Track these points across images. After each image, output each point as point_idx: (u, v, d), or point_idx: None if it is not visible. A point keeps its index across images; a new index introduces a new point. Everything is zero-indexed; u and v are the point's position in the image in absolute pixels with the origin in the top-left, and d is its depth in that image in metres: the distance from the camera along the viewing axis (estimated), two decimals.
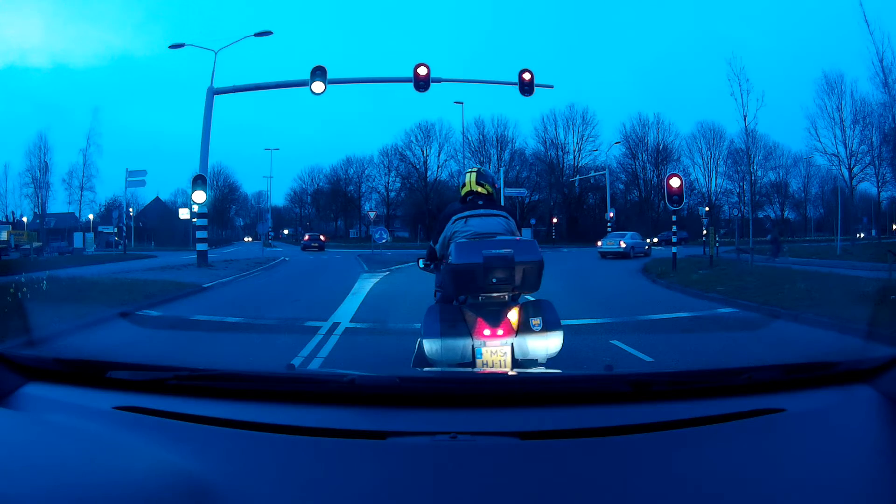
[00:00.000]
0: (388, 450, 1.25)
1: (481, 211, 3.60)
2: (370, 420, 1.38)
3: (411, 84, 18.33)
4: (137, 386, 1.54)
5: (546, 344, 3.11)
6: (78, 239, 37.37)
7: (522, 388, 1.58)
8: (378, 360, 5.55)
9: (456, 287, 3.25)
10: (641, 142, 56.83)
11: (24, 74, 64.81)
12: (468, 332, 3.11)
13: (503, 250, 3.10)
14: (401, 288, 12.41)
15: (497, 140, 56.22)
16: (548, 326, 3.11)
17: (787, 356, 4.58)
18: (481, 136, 56.30)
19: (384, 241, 20.79)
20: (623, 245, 25.06)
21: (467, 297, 3.25)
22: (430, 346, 3.07)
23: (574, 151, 56.28)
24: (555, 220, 52.51)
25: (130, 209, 46.36)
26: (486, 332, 3.10)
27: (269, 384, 1.55)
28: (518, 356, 3.12)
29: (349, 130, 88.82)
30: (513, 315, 3.15)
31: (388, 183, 59.89)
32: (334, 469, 1.19)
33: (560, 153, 56.24)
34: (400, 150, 58.70)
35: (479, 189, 3.73)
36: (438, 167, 58.34)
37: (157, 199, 61.35)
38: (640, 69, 77.10)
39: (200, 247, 18.02)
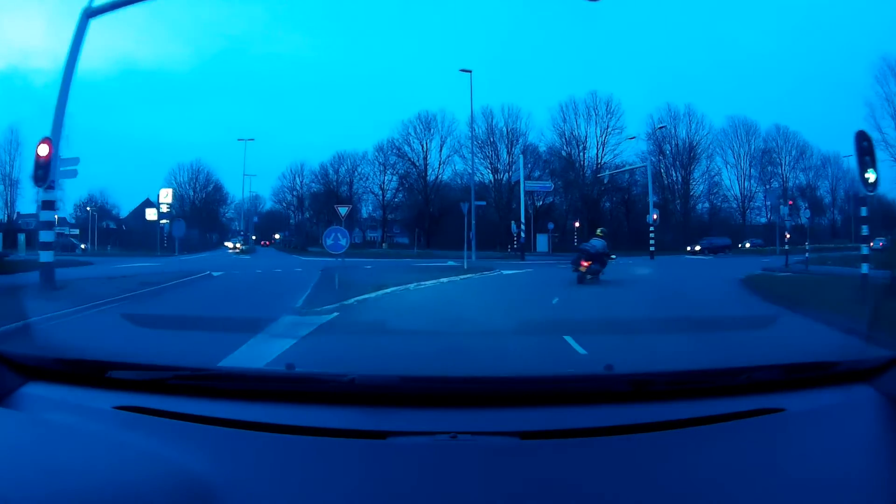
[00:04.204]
0: (388, 450, 1.29)
1: None
2: (370, 420, 1.41)
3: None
4: (137, 386, 1.57)
5: None
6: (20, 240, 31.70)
7: (522, 387, 1.61)
8: None
9: None
10: (671, 136, 48.98)
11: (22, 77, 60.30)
12: None
13: None
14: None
15: (507, 132, 49.09)
16: None
17: None
18: (489, 128, 48.97)
19: (342, 250, 13.40)
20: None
21: None
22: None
23: (597, 146, 48.45)
24: (577, 224, 43.51)
25: (88, 208, 40.73)
26: None
27: (269, 384, 1.60)
28: None
29: (341, 127, 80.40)
30: None
31: (384, 182, 52.05)
32: (335, 469, 1.21)
33: (580, 148, 48.72)
34: (397, 144, 50.58)
35: None
36: (440, 164, 50.44)
37: (148, 200, 55.90)
38: (668, 59, 69.15)
39: (44, 256, 11.25)
